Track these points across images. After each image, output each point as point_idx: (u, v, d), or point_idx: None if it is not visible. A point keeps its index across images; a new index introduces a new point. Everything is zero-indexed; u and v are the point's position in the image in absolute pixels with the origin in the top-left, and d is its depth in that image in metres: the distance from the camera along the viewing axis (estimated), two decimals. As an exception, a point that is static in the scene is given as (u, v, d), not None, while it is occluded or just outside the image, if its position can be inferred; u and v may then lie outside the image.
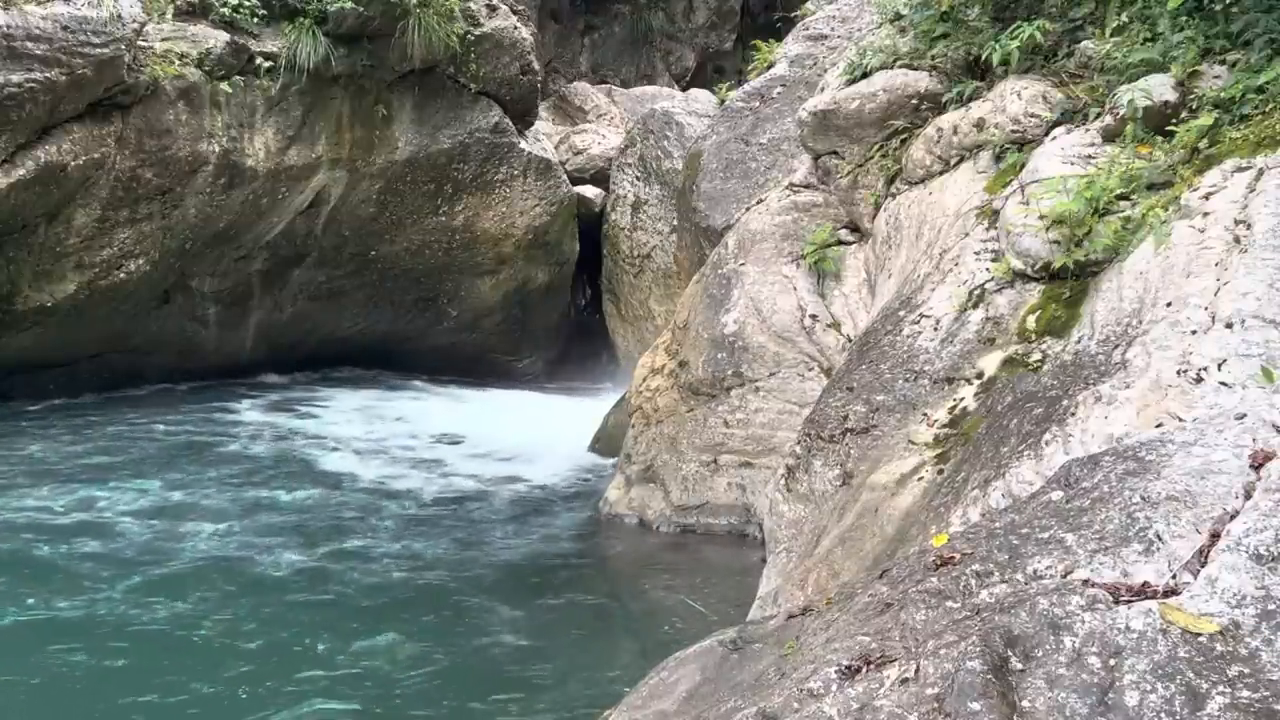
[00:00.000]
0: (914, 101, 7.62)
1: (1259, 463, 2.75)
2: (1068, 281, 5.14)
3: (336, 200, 14.05)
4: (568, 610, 7.62)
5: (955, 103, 7.22)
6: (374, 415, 13.43)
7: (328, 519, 9.35)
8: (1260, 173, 4.57)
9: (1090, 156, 5.71)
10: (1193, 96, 5.48)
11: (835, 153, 8.31)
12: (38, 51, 10.92)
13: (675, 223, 12.91)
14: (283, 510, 9.55)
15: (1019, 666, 2.23)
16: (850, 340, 7.70)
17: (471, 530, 9.25)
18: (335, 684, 6.30)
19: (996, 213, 5.98)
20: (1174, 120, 5.40)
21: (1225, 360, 3.76)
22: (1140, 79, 5.73)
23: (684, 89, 19.28)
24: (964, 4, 7.43)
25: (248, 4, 12.72)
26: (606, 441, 11.26)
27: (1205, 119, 5.18)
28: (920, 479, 4.86)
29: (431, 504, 9.94)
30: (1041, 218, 5.34)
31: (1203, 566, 2.42)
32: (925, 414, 5.27)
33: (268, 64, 12.82)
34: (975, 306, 5.60)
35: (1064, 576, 2.50)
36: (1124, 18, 6.34)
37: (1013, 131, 6.56)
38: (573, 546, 9.11)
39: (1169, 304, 4.27)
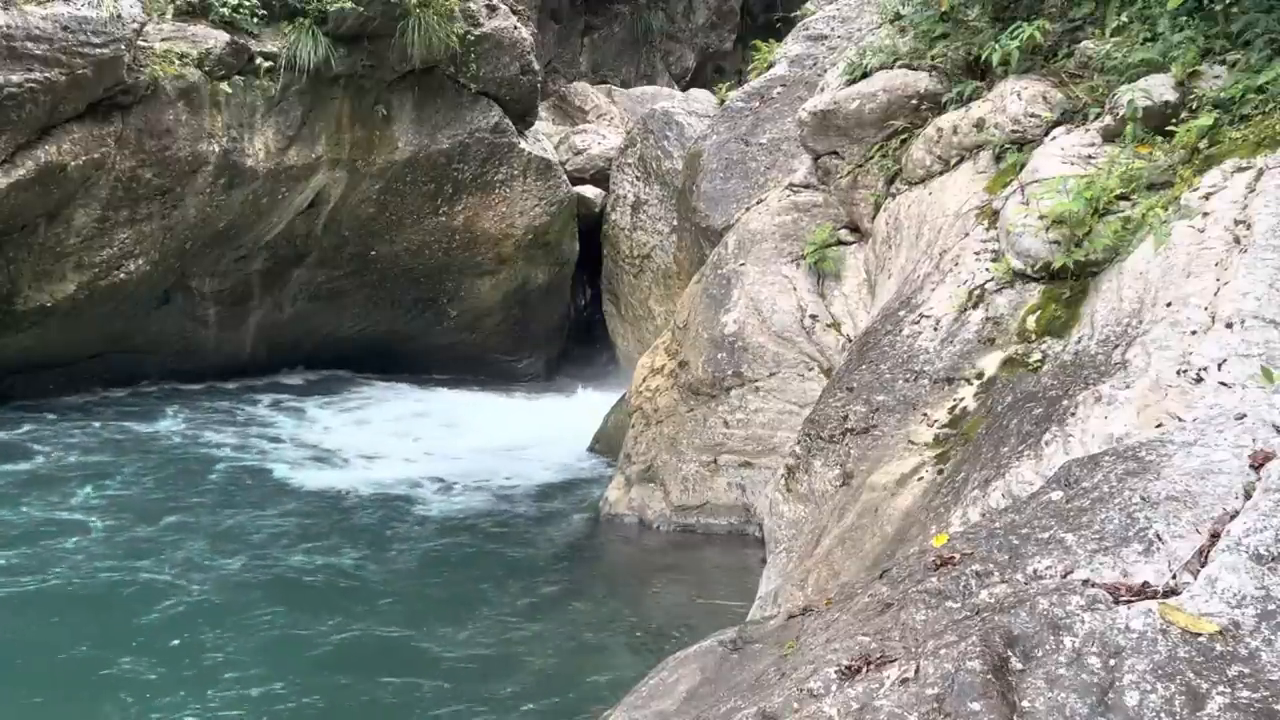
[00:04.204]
0: (914, 101, 7.62)
1: (1259, 463, 2.75)
2: (1068, 281, 5.14)
3: (336, 200, 14.05)
4: (568, 610, 7.62)
5: (955, 103, 7.22)
6: (373, 416, 13.43)
7: (325, 520, 9.35)
8: (1260, 173, 4.57)
9: (1090, 156, 5.71)
10: (1193, 96, 5.48)
11: (835, 153, 8.31)
12: (38, 51, 10.92)
13: (675, 223, 12.90)
14: (281, 511, 9.55)
15: (1019, 666, 2.23)
16: (850, 340, 7.70)
17: (471, 530, 9.25)
18: (334, 683, 6.30)
19: (996, 213, 5.97)
20: (1174, 120, 5.40)
21: (1225, 360, 3.76)
22: (1140, 79, 5.73)
23: (684, 89, 19.27)
24: (964, 4, 7.42)
25: (248, 4, 12.71)
26: (606, 441, 11.25)
27: (1205, 119, 5.18)
28: (920, 479, 4.85)
29: (430, 504, 9.93)
30: (1041, 218, 5.34)
31: (1203, 566, 2.42)
32: (925, 414, 5.27)
33: (268, 64, 12.80)
34: (975, 306, 5.60)
35: (1064, 576, 2.49)
36: (1124, 18, 6.33)
37: (1013, 131, 6.56)
38: (573, 546, 9.11)
39: (1169, 304, 4.27)
